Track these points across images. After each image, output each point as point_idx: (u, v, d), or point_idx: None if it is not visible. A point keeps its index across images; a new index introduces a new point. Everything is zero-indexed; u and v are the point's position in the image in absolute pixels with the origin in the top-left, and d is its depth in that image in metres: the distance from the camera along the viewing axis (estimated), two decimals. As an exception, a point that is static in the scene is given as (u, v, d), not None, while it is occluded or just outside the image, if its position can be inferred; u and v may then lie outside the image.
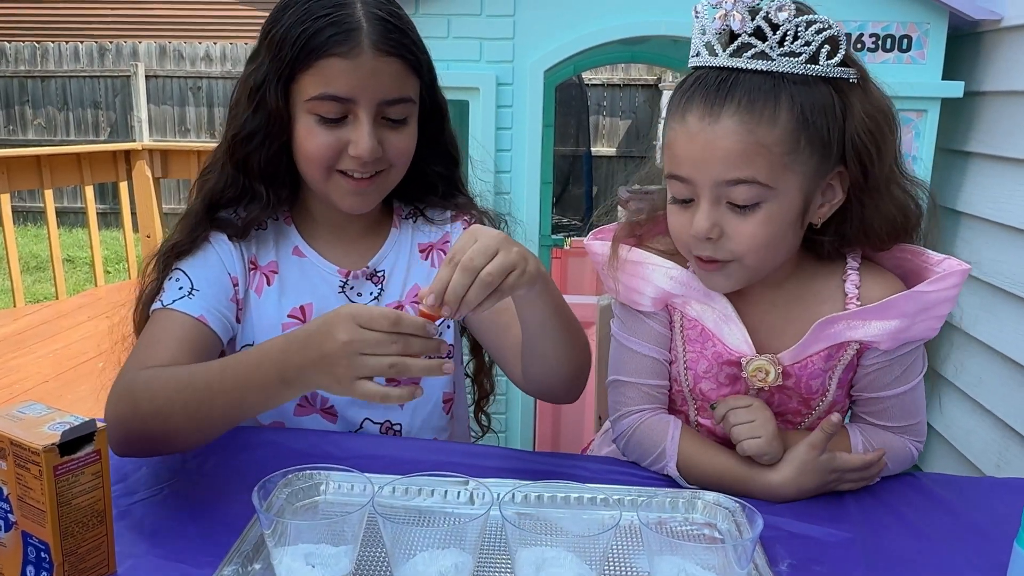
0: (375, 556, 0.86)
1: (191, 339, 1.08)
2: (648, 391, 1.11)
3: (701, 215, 0.97)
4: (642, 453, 1.08)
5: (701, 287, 1.06)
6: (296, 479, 0.93)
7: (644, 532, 0.80)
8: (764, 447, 0.99)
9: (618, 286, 1.11)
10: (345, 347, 0.85)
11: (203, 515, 0.93)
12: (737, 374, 1.07)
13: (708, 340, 1.08)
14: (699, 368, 1.09)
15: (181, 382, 0.96)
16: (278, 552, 0.79)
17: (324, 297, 1.20)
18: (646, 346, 1.11)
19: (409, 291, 1.23)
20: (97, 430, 0.78)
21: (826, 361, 1.05)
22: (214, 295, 1.13)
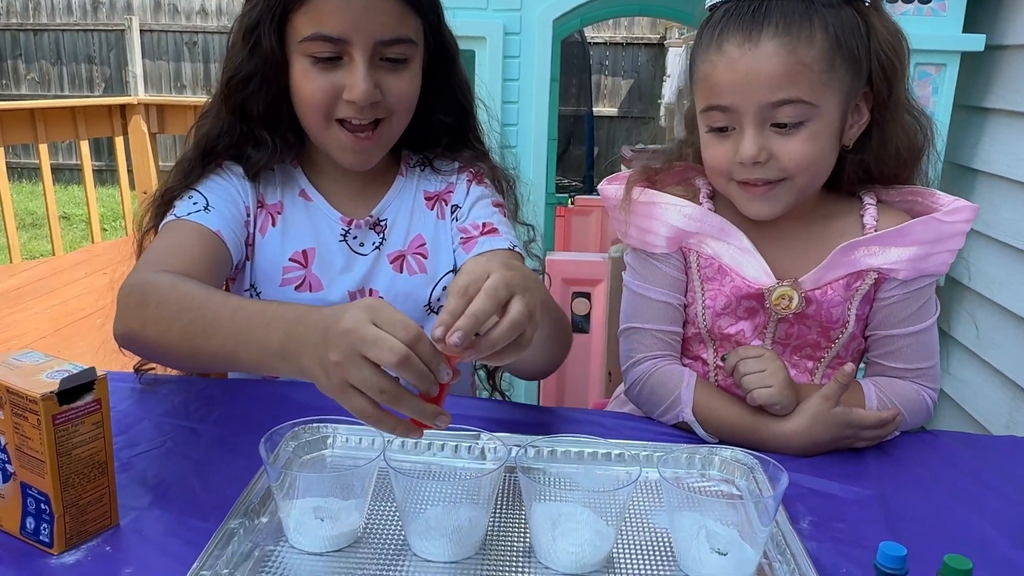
0: (385, 511, 0.83)
1: (209, 251, 1.05)
2: (662, 337, 1.09)
3: (748, 140, 0.98)
4: (656, 400, 1.06)
5: (717, 223, 1.05)
6: (303, 432, 0.90)
7: (664, 488, 0.78)
8: (775, 396, 0.97)
9: (631, 229, 1.09)
10: (345, 335, 0.70)
11: (207, 468, 0.90)
12: (756, 307, 1.07)
13: (726, 276, 1.07)
14: (718, 305, 1.08)
15: (194, 302, 0.90)
16: (286, 505, 0.76)
17: (326, 244, 1.17)
18: (660, 291, 1.09)
19: (412, 240, 1.20)
20: (97, 379, 0.75)
21: (845, 290, 1.05)
22: (230, 215, 1.10)
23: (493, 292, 0.71)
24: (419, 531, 0.76)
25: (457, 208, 1.22)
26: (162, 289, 0.92)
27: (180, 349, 0.90)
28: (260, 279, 1.15)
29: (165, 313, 0.90)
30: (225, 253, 1.08)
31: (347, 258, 1.17)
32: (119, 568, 0.73)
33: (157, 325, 0.91)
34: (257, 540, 0.77)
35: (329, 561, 0.75)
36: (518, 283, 0.73)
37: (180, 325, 0.89)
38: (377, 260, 1.18)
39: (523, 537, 0.80)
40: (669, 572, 0.76)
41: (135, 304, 0.93)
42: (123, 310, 0.94)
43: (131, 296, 0.94)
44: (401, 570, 0.74)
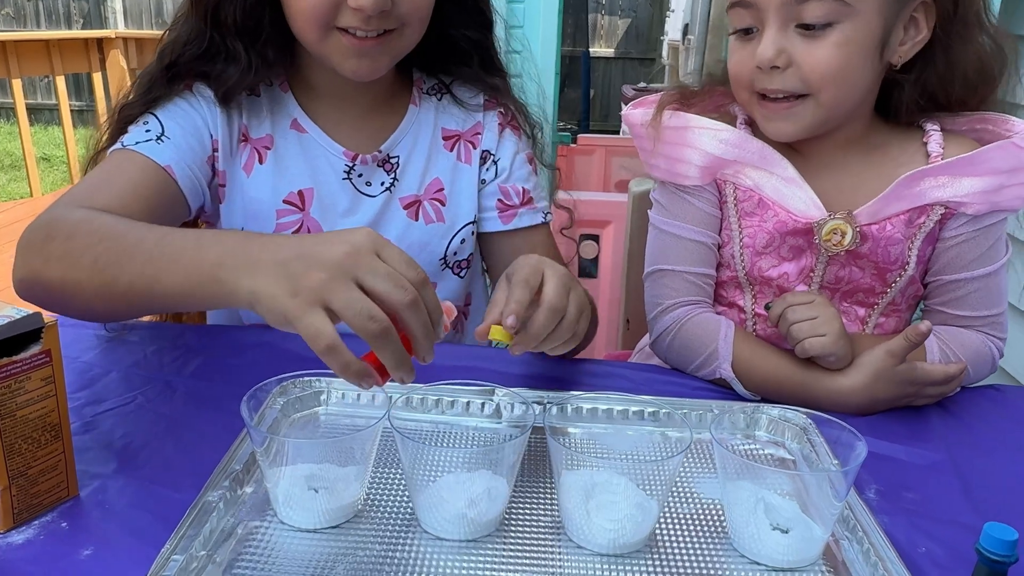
0: (390, 480, 0.72)
1: (149, 189, 0.89)
2: (694, 281, 0.98)
3: (767, 40, 0.87)
4: (688, 354, 0.95)
5: (757, 149, 0.93)
6: (293, 386, 0.79)
7: (719, 454, 0.67)
8: (830, 346, 0.86)
9: (658, 160, 0.97)
10: (344, 258, 0.61)
11: (184, 428, 0.78)
12: (802, 246, 0.95)
13: (768, 210, 0.95)
14: (758, 244, 0.96)
15: (110, 232, 0.75)
16: (273, 474, 0.65)
17: (326, 183, 1.02)
18: (692, 229, 0.97)
19: (428, 185, 1.05)
20: (45, 326, 0.63)
21: (906, 226, 0.93)
22: (188, 148, 0.94)
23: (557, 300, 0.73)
24: (429, 504, 0.65)
25: (491, 157, 1.08)
26: (73, 222, 0.78)
27: (89, 285, 0.74)
28: (250, 225, 1.00)
29: (73, 246, 0.75)
30: (175, 193, 0.92)
31: (352, 199, 1.03)
32: (76, 548, 0.62)
33: (62, 261, 0.76)
34: (240, 515, 0.66)
35: (324, 539, 0.64)
36: (570, 281, 0.76)
37: (90, 257, 0.74)
38: (388, 203, 1.04)
39: (551, 511, 0.69)
40: (721, 552, 0.66)
41: (39, 241, 0.78)
42: (25, 250, 0.79)
43: (35, 233, 0.79)
44: (408, 549, 0.63)
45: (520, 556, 0.64)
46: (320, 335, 0.60)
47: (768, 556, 0.64)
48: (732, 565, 0.64)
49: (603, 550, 0.65)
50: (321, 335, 0.60)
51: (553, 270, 0.75)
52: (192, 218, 1.00)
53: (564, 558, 0.64)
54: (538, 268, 0.74)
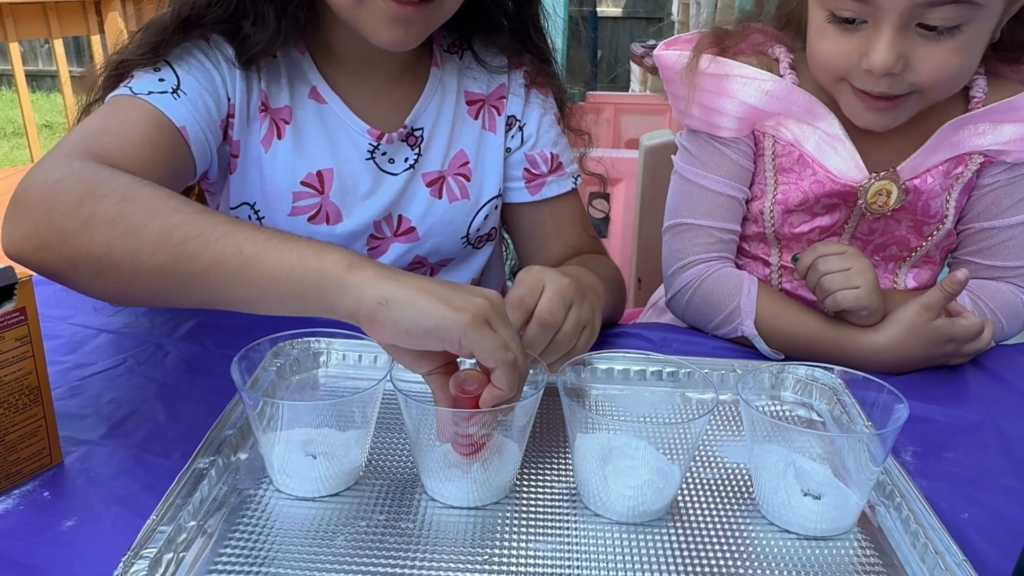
0: (393, 444, 0.68)
1: (166, 150, 0.78)
2: (719, 236, 0.92)
3: (883, 45, 0.77)
4: (709, 312, 0.90)
5: (803, 103, 0.86)
6: (290, 347, 0.74)
7: (748, 416, 0.62)
8: (863, 299, 0.81)
9: (693, 107, 0.91)
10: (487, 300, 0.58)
11: (175, 393, 0.74)
12: (836, 204, 0.89)
13: (806, 168, 0.89)
14: (791, 201, 0.90)
15: (180, 203, 0.63)
16: (268, 439, 0.61)
17: (348, 162, 0.92)
18: (722, 182, 0.91)
19: (453, 158, 0.97)
20: (19, 282, 0.58)
21: (944, 177, 0.88)
22: (205, 108, 0.83)
23: (548, 316, 0.67)
24: (435, 469, 0.61)
25: (517, 123, 1.00)
26: (125, 184, 0.65)
27: (152, 260, 0.61)
28: (263, 206, 0.91)
29: (133, 211, 0.62)
30: (186, 157, 0.81)
31: (374, 179, 0.94)
32: (59, 519, 0.58)
33: (114, 227, 0.62)
34: (233, 482, 0.62)
35: (323, 507, 0.60)
36: (571, 294, 0.70)
37: (160, 228, 0.61)
38: (410, 181, 0.95)
39: (565, 477, 0.65)
40: (748, 519, 0.61)
41: (75, 199, 0.64)
42: (41, 207, 0.65)
43: (64, 185, 0.65)
44: (413, 517, 0.59)
45: (532, 524, 0.59)
46: (508, 347, 0.57)
47: (799, 524, 0.60)
48: (760, 533, 0.60)
49: (621, 518, 0.60)
50: (509, 347, 0.57)
51: (554, 282, 0.69)
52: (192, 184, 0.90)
53: (579, 526, 0.59)
54: (536, 286, 0.68)
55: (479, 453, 0.60)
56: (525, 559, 0.56)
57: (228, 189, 0.90)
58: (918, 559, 0.57)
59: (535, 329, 0.66)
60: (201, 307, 0.64)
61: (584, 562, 0.56)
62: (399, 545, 0.56)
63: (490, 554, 0.56)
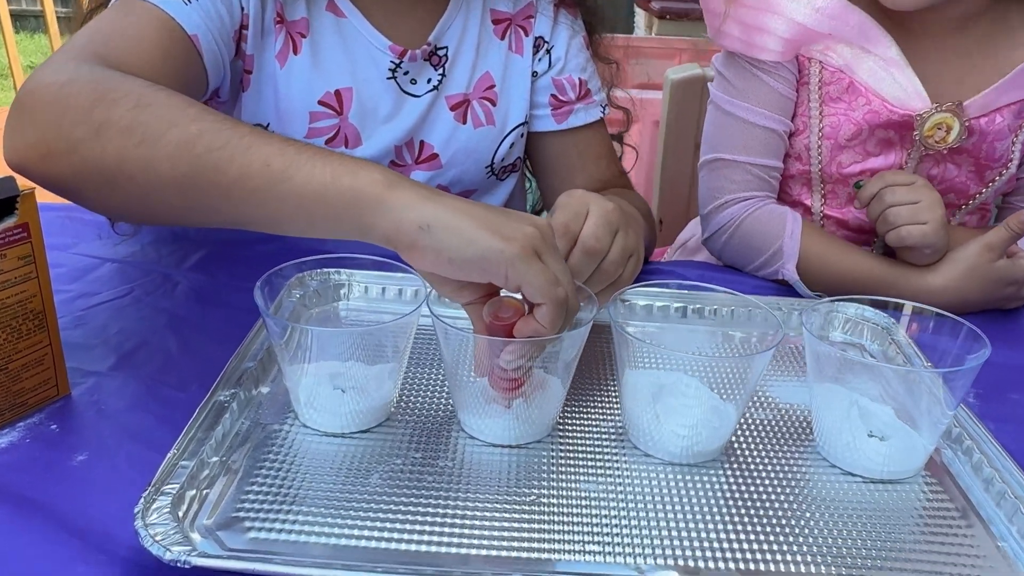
0: (428, 379, 0.63)
1: (177, 59, 0.71)
2: (759, 173, 0.87)
3: None
4: (749, 253, 0.85)
5: (856, 23, 0.80)
6: (310, 278, 0.70)
7: (812, 352, 0.58)
8: (930, 236, 0.76)
9: (730, 25, 0.85)
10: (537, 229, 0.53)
11: (186, 324, 0.69)
12: (893, 140, 0.84)
13: (859, 96, 0.83)
14: (842, 136, 0.84)
15: (203, 113, 0.57)
16: (294, 371, 0.56)
17: (368, 82, 0.86)
18: (763, 113, 0.86)
19: (478, 81, 0.91)
20: (21, 194, 0.53)
21: (1015, 118, 0.82)
22: (217, 17, 0.76)
23: (595, 242, 0.62)
24: (474, 405, 0.57)
25: (545, 45, 0.93)
26: (140, 89, 0.59)
27: (172, 171, 0.56)
28: (278, 125, 0.85)
29: (150, 119, 0.56)
30: (198, 69, 0.75)
31: (395, 101, 0.88)
32: (69, 453, 0.53)
33: (130, 135, 0.56)
34: (256, 417, 0.58)
35: (354, 444, 0.56)
36: (617, 220, 0.64)
37: (180, 137, 0.55)
38: (434, 104, 0.89)
39: (611, 415, 0.61)
40: (808, 461, 0.57)
41: (85, 103, 0.58)
42: (55, 108, 0.59)
43: (74, 88, 0.59)
44: (450, 456, 0.55)
45: (577, 463, 0.55)
46: (558, 282, 0.51)
47: (864, 466, 0.56)
48: (821, 476, 0.56)
49: (674, 458, 0.56)
50: (559, 282, 0.51)
51: (599, 207, 0.63)
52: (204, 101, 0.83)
53: (628, 466, 0.55)
54: (580, 210, 0.63)
55: (519, 390, 0.56)
56: (572, 500, 0.52)
57: (240, 109, 0.84)
58: (993, 504, 0.53)
59: (580, 256, 0.61)
60: (222, 226, 0.59)
61: (635, 504, 0.52)
62: (439, 484, 0.52)
63: (536, 495, 0.52)
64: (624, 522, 0.50)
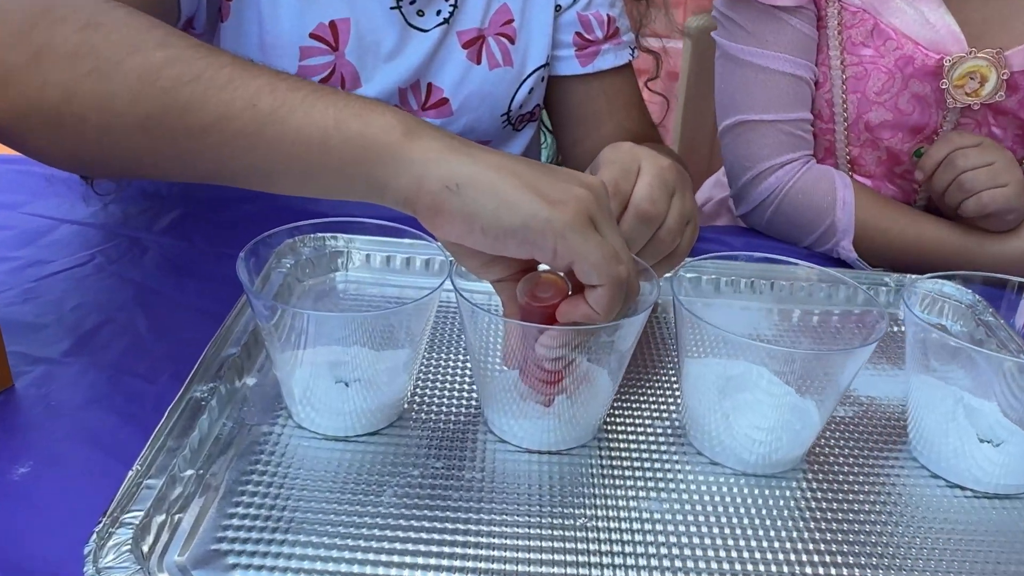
0: (448, 369, 0.53)
1: None
2: (791, 130, 0.76)
3: None
4: (797, 232, 0.76)
5: None
6: (302, 243, 0.59)
7: (914, 338, 0.48)
8: (1014, 199, 0.68)
9: None
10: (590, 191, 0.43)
11: (158, 298, 0.59)
12: (929, 97, 0.73)
13: (887, 40, 0.72)
14: (870, 87, 0.74)
15: (167, 34, 0.45)
16: (286, 359, 0.46)
17: (368, 12, 0.74)
18: (785, 59, 0.75)
19: (494, 15, 0.79)
20: (-61, 141, 0.42)
21: None
22: None
23: (650, 205, 0.50)
24: (505, 403, 0.47)
25: None
26: (95, 8, 0.46)
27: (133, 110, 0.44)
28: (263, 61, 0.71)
29: (99, 41, 0.45)
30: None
31: (399, 35, 0.76)
32: (8, 465, 0.43)
33: (77, 62, 0.44)
34: (241, 416, 0.47)
35: (361, 449, 0.46)
36: (673, 179, 0.52)
37: (140, 65, 0.44)
38: (444, 40, 0.78)
39: (667, 411, 0.51)
40: (906, 471, 0.48)
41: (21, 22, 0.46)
42: None
43: (7, 4, 0.46)
44: (477, 465, 0.45)
45: (632, 474, 0.46)
46: (619, 258, 0.42)
47: (974, 477, 0.47)
48: (923, 489, 0.47)
49: (747, 468, 0.47)
50: (620, 258, 0.42)
51: (653, 164, 0.52)
52: None
53: (691, 476, 0.46)
54: (630, 167, 0.52)
55: (557, 386, 0.46)
56: (626, 523, 0.42)
57: (218, 43, 0.72)
58: None
59: (633, 223, 0.51)
60: (199, 180, 0.48)
61: (702, 524, 0.43)
62: (464, 503, 0.43)
63: (583, 515, 0.43)
64: (689, 548, 0.41)
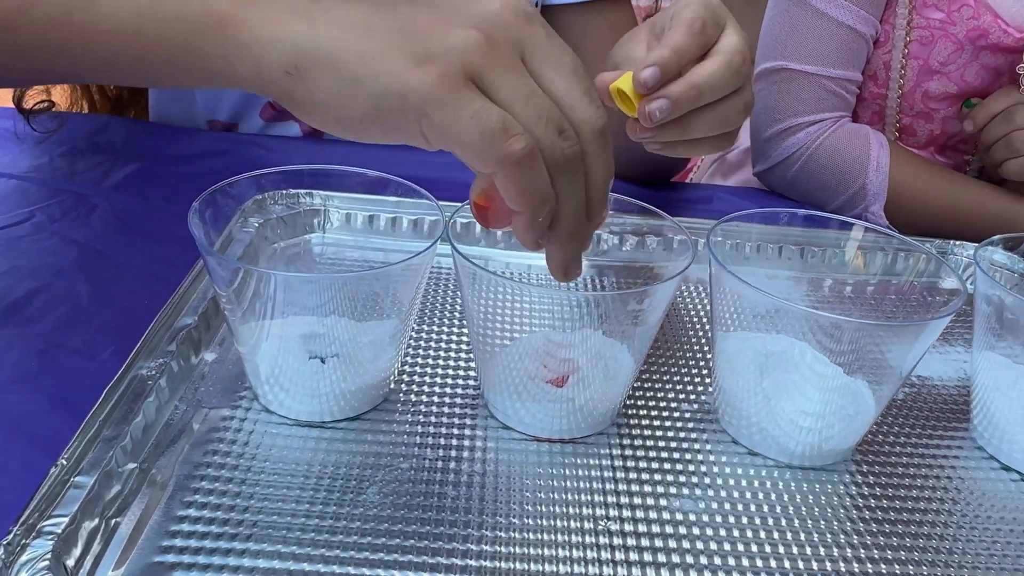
0: (442, 342, 0.46)
1: None
2: (835, 88, 0.69)
3: None
4: (823, 193, 0.69)
5: None
6: (272, 201, 0.51)
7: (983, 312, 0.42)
8: None
9: None
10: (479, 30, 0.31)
11: (104, 262, 0.51)
12: (1001, 68, 0.67)
13: (963, 6, 0.65)
14: (934, 56, 0.67)
15: None
16: (249, 332, 0.39)
17: None
18: (849, 8, 0.68)
19: None
20: None
21: None
22: None
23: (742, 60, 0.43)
24: (510, 383, 0.40)
25: None
26: None
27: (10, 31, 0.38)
28: None
29: None
30: None
31: None
32: (-88, 454, 0.36)
33: None
34: (198, 397, 0.40)
35: (339, 438, 0.39)
36: (748, 55, 0.44)
37: None
38: None
39: (695, 391, 0.44)
40: (973, 462, 0.42)
41: None
42: None
43: None
44: (476, 455, 0.38)
45: (657, 467, 0.39)
46: (505, 127, 0.30)
47: (1053, 470, 0.41)
48: (992, 483, 0.41)
49: (792, 459, 0.40)
50: (507, 127, 0.30)
51: (736, 26, 0.45)
52: None
53: (727, 469, 0.39)
54: (719, 17, 0.43)
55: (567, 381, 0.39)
56: (654, 524, 0.36)
57: None
58: None
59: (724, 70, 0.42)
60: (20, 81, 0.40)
61: (741, 523, 0.36)
62: (465, 500, 0.36)
63: (603, 517, 0.36)
64: (722, 555, 0.34)
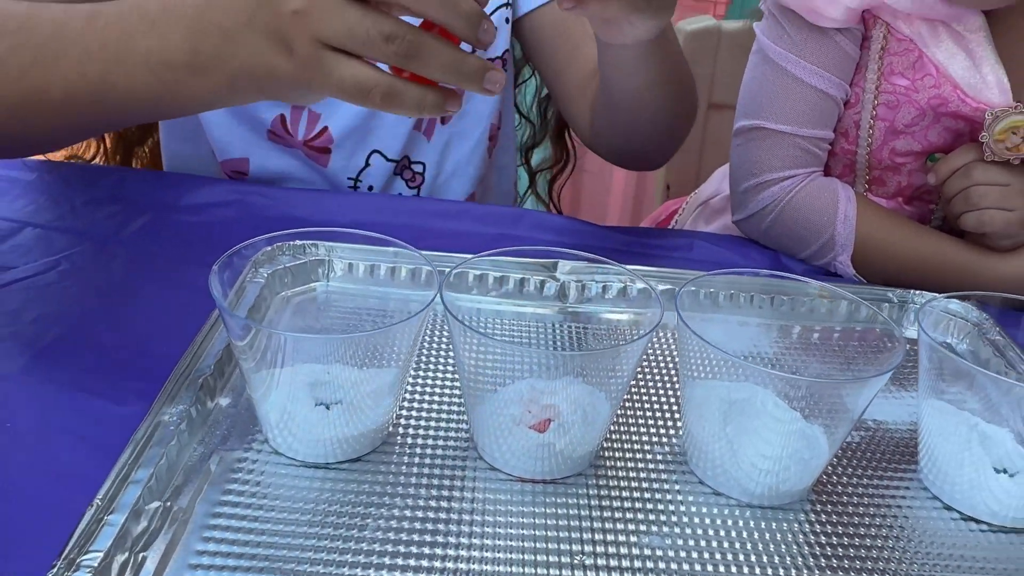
0: (437, 391, 0.50)
1: None
2: (808, 147, 0.73)
3: None
4: (794, 244, 0.74)
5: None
6: (280, 252, 0.56)
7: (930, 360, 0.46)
8: (1013, 224, 0.66)
9: None
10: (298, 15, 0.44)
11: (126, 309, 0.55)
12: (962, 130, 0.70)
13: (926, 76, 0.69)
14: (900, 119, 0.71)
15: (13, 18, 0.51)
16: (262, 379, 0.43)
17: None
18: (822, 75, 0.71)
19: None
20: None
21: None
22: None
23: None
24: (497, 428, 0.44)
25: None
26: None
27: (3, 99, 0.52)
28: None
29: None
30: None
31: None
32: (-43, 493, 0.40)
33: None
34: (213, 441, 0.44)
35: (343, 478, 0.43)
36: None
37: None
38: None
39: (666, 435, 0.48)
40: (919, 502, 0.46)
41: None
42: None
43: None
44: (467, 494, 0.42)
45: (631, 505, 0.43)
46: (367, 84, 0.43)
47: (991, 510, 0.45)
48: (936, 522, 0.45)
49: (752, 499, 0.44)
50: (368, 83, 0.43)
51: None
52: None
53: (693, 508, 0.43)
54: None
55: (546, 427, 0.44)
56: (626, 557, 0.40)
57: None
58: None
59: None
60: None
61: (706, 559, 0.40)
62: (456, 536, 0.40)
63: (581, 554, 0.40)
64: (704, 594, 0.38)
